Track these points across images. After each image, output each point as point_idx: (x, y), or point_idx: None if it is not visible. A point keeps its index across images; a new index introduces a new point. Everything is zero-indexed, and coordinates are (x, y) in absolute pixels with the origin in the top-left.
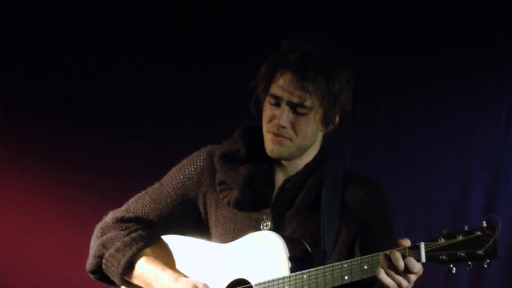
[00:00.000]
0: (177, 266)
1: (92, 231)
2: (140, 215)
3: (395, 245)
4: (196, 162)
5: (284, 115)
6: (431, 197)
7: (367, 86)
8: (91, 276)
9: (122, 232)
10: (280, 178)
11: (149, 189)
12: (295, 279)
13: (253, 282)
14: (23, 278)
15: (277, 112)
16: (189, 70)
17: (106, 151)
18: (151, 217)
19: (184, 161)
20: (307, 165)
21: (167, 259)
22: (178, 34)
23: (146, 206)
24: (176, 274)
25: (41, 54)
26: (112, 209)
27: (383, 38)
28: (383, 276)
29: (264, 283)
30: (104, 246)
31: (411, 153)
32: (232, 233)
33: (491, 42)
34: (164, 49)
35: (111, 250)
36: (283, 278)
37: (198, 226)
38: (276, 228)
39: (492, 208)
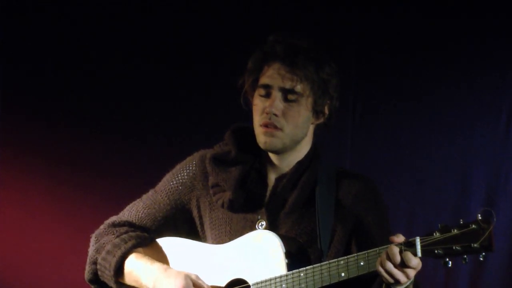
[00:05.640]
0: (175, 268)
1: (91, 231)
2: (133, 220)
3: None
4: (189, 167)
5: (276, 102)
6: (431, 197)
7: (367, 86)
8: (92, 286)
9: (113, 236)
10: (272, 177)
11: (144, 196)
12: (292, 277)
13: (251, 282)
14: (23, 278)
15: (267, 102)
16: (187, 71)
17: (106, 151)
18: (144, 222)
19: (177, 167)
20: (299, 163)
21: (163, 261)
22: (178, 35)
23: (139, 212)
24: (165, 266)
25: (41, 54)
26: (111, 208)
27: (383, 38)
28: (381, 269)
29: (262, 282)
30: (97, 251)
31: (411, 153)
32: (228, 235)
33: (490, 42)
34: (163, 51)
35: (103, 254)
36: (280, 276)
37: (193, 230)
38: (272, 227)
39: (492, 207)
